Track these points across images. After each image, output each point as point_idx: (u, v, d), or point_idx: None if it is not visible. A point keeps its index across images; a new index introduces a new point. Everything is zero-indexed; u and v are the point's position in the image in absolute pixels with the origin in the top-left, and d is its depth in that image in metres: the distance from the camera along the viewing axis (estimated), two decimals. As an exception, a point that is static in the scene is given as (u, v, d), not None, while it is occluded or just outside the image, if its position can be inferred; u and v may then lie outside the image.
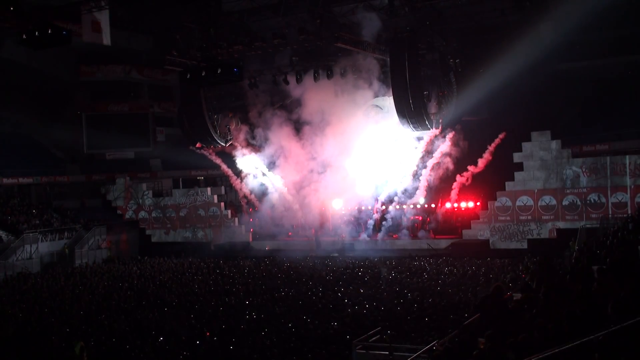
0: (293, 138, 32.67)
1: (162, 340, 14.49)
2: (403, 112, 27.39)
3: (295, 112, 32.03)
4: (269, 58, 30.92)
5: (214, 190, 36.50)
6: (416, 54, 27.13)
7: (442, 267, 23.17)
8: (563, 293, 7.74)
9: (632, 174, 25.50)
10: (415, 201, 31.00)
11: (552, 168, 27.02)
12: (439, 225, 30.80)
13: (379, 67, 29.93)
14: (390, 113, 30.54)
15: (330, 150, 31.35)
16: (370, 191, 31.67)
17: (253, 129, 33.67)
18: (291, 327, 14.78)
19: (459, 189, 29.88)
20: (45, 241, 31.65)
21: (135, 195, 36.57)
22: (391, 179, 31.15)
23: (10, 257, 29.69)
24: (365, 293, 19.13)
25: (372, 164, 30.92)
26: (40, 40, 20.36)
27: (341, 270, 24.11)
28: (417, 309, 16.10)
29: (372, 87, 30.61)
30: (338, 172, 31.38)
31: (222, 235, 34.16)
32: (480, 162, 28.98)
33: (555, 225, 26.84)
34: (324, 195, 32.01)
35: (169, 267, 27.11)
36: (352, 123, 30.73)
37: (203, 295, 20.12)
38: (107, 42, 22.47)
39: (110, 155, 40.77)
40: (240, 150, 33.97)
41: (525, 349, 6.10)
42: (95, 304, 19.30)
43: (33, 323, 16.66)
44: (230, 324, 15.64)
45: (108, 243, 34.21)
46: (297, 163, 32.65)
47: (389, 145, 31.07)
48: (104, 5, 21.62)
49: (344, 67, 30.39)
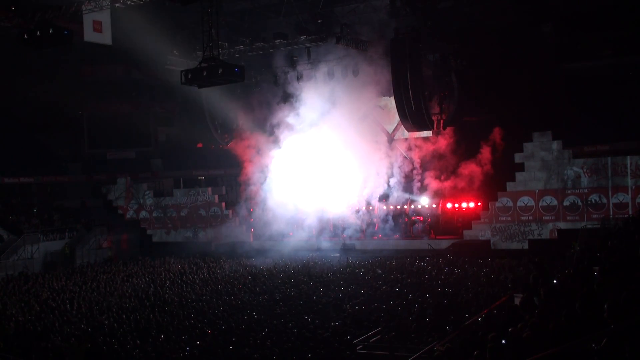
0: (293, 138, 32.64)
1: (162, 340, 14.49)
2: (404, 112, 27.37)
3: (295, 112, 31.98)
4: (270, 58, 30.92)
5: (215, 190, 36.52)
6: (417, 54, 27.13)
7: (443, 268, 23.14)
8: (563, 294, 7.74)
9: (633, 175, 25.47)
10: (416, 202, 30.99)
11: (553, 168, 27.01)
12: (440, 225, 30.78)
13: (380, 68, 29.90)
14: (392, 113, 30.61)
15: (330, 150, 31.30)
16: (371, 191, 31.62)
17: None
18: (291, 327, 14.77)
19: (459, 189, 29.81)
20: (46, 241, 31.69)
21: (136, 195, 36.59)
22: (392, 180, 31.11)
23: (11, 257, 29.75)
24: (366, 293, 19.12)
25: (372, 164, 30.87)
26: (41, 40, 20.38)
27: (341, 270, 24.11)
28: (418, 310, 16.08)
29: (373, 87, 30.57)
30: (338, 172, 31.32)
31: (223, 235, 34.16)
32: (480, 162, 28.93)
33: (556, 225, 26.81)
34: (324, 195, 31.96)
35: (169, 267, 27.12)
36: (352, 123, 30.68)
37: (203, 295, 20.12)
38: (109, 42, 22.50)
39: (111, 155, 40.80)
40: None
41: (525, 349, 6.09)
42: (95, 303, 19.31)
43: (33, 323, 16.67)
44: (230, 324, 15.63)
45: (109, 243, 34.25)
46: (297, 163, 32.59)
47: (389, 145, 31.07)
48: (105, 5, 21.63)
49: (345, 67, 30.39)
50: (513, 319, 8.04)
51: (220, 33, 25.76)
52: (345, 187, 31.22)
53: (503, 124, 27.89)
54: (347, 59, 30.00)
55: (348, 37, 26.34)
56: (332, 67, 30.70)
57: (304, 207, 31.72)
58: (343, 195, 31.52)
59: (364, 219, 31.99)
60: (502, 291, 16.87)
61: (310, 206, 31.46)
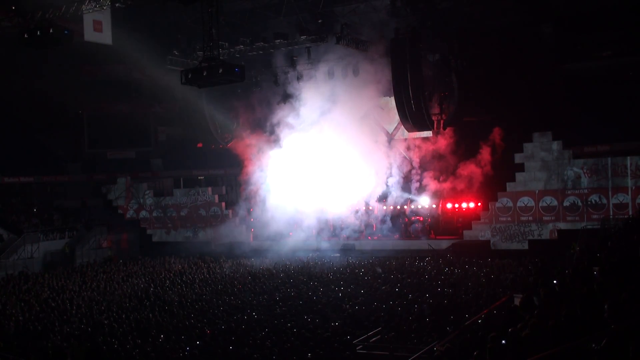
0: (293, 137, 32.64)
1: (162, 340, 14.49)
2: (404, 112, 27.37)
3: (295, 112, 31.99)
4: (270, 58, 30.93)
5: (215, 190, 36.51)
6: (417, 54, 27.14)
7: (442, 268, 23.14)
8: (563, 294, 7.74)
9: (633, 175, 25.47)
10: (416, 202, 30.99)
11: (553, 169, 27.01)
12: (440, 225, 30.78)
13: (380, 68, 29.91)
14: (392, 113, 30.60)
15: (330, 150, 31.29)
16: (370, 191, 31.62)
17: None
18: (291, 327, 14.77)
19: (459, 190, 29.82)
20: (46, 240, 31.69)
21: (136, 194, 36.59)
22: (391, 180, 31.10)
23: (11, 256, 29.74)
24: (366, 293, 19.11)
25: (372, 164, 30.87)
26: (41, 40, 20.39)
27: (341, 270, 24.11)
28: (417, 310, 16.08)
29: (373, 87, 30.57)
30: (338, 172, 31.31)
31: (223, 235, 34.16)
32: (480, 163, 28.95)
33: (556, 226, 26.81)
34: (324, 195, 31.95)
35: (169, 267, 27.12)
36: (352, 123, 30.67)
37: (203, 295, 20.12)
38: (109, 41, 22.52)
39: (111, 155, 40.78)
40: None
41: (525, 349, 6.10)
42: (95, 303, 19.31)
43: (33, 323, 16.67)
44: (230, 324, 15.63)
45: (109, 242, 34.25)
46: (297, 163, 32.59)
47: (388, 145, 31.06)
48: (105, 5, 21.64)
49: (345, 67, 30.39)
50: (513, 319, 8.04)
51: (220, 33, 25.81)
52: (345, 187, 31.20)
53: (503, 124, 27.89)
54: (347, 59, 30.00)
55: (348, 37, 26.35)
56: (332, 67, 30.69)
57: (304, 207, 31.71)
58: (343, 195, 31.51)
59: (363, 219, 31.99)
60: (502, 291, 16.89)
61: (309, 206, 31.45)
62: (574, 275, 9.30)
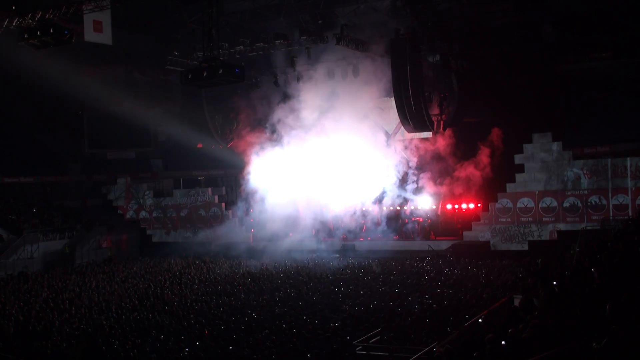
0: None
1: (161, 340, 14.48)
2: (404, 112, 27.37)
3: (295, 112, 31.99)
4: (270, 58, 30.92)
5: (215, 190, 36.51)
6: (417, 55, 27.14)
7: (442, 269, 23.14)
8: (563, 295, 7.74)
9: (633, 176, 25.48)
10: (416, 203, 30.98)
11: (553, 170, 27.01)
12: (440, 226, 30.76)
13: (380, 68, 29.92)
14: (392, 113, 30.60)
15: (330, 151, 31.29)
16: (370, 192, 31.62)
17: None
18: (291, 328, 14.76)
19: (460, 190, 29.82)
20: (46, 241, 31.68)
21: (136, 195, 36.59)
22: (391, 180, 31.10)
23: (11, 257, 29.73)
24: (366, 294, 19.11)
25: (371, 165, 30.87)
26: (42, 40, 20.37)
27: (341, 270, 24.11)
28: (417, 310, 16.07)
29: (373, 88, 30.58)
30: (338, 172, 31.32)
31: (223, 235, 34.16)
32: (480, 163, 28.95)
33: (556, 227, 26.82)
34: (324, 196, 31.96)
35: (169, 267, 27.11)
36: (351, 124, 30.67)
37: (203, 295, 20.11)
38: (109, 41, 22.50)
39: (111, 155, 40.78)
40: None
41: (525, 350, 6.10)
42: (95, 303, 19.30)
43: (33, 323, 16.66)
44: (229, 325, 15.63)
45: (109, 243, 34.23)
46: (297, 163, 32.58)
47: (388, 145, 31.05)
48: (105, 5, 21.62)
49: (345, 67, 30.39)
50: (513, 320, 8.05)
51: (220, 33, 25.82)
52: (344, 187, 31.21)
53: (503, 125, 27.90)
54: (347, 60, 30.01)
55: (348, 38, 26.35)
56: (332, 67, 30.69)
57: (303, 207, 31.72)
58: (342, 195, 31.52)
59: (362, 219, 31.98)
60: (502, 292, 16.89)
61: (309, 207, 31.45)
62: (573, 276, 9.30)
